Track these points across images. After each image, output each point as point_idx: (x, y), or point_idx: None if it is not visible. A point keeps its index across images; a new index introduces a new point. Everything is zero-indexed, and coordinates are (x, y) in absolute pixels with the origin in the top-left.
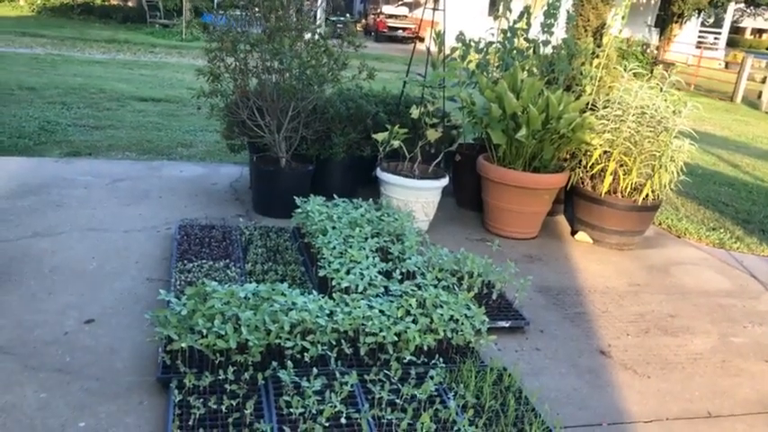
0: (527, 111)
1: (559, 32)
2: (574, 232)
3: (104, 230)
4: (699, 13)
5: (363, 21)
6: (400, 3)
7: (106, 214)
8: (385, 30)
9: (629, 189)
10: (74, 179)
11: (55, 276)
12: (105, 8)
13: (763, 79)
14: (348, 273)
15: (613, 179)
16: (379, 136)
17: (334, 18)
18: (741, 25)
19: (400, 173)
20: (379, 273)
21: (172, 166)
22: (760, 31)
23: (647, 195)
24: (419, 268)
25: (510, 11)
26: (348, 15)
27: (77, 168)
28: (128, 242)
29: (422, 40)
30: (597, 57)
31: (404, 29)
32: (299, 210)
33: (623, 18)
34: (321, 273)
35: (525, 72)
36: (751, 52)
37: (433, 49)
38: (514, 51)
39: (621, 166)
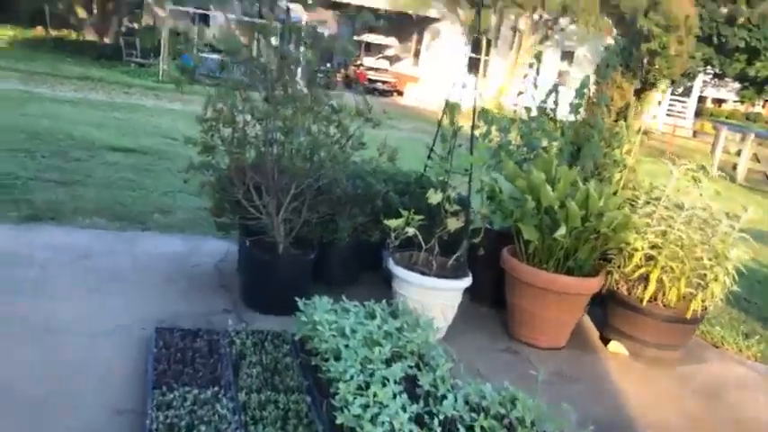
0: (565, 206)
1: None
2: (605, 340)
3: (63, 332)
4: (671, 83)
5: (343, 71)
6: (380, 55)
7: (67, 307)
8: (365, 82)
9: (675, 299)
10: (31, 254)
11: None
12: (79, 43)
13: (738, 152)
14: (372, 420)
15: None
16: (393, 222)
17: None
18: (702, 94)
19: (416, 268)
20: (410, 419)
21: (147, 240)
22: (719, 101)
23: (696, 308)
24: (458, 411)
25: (536, 87)
26: (329, 65)
27: (36, 239)
28: (92, 352)
29: (401, 93)
30: (628, 142)
31: (383, 82)
32: (303, 318)
33: (659, 103)
34: (339, 419)
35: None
36: (724, 123)
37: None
38: (539, 132)
39: (667, 272)
